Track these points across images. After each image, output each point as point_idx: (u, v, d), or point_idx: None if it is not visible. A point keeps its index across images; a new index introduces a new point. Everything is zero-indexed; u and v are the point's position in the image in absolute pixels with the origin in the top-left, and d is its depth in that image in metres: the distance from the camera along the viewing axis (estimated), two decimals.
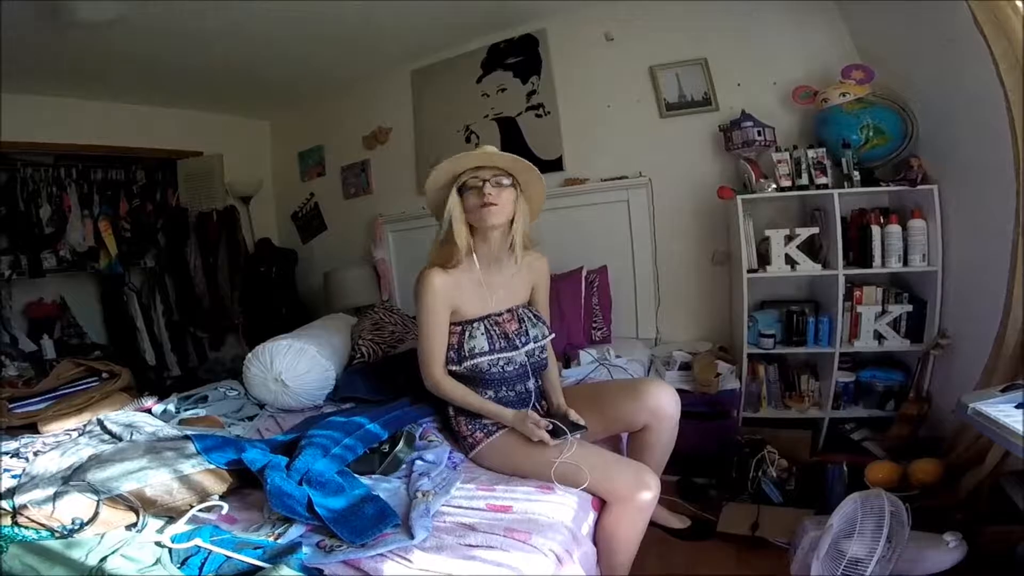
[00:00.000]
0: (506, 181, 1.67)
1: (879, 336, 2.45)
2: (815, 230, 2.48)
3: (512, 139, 3.40)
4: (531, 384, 1.76)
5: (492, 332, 1.69)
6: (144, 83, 3.43)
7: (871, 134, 2.37)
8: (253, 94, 3.96)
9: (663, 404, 1.72)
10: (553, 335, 1.85)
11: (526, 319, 1.77)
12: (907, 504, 1.60)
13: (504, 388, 1.72)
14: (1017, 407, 1.31)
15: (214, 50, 3.08)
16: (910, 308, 2.40)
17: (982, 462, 1.75)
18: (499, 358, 1.68)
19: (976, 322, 2.06)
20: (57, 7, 2.35)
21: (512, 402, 1.72)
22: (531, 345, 1.73)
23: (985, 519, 1.65)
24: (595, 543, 1.47)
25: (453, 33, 3.35)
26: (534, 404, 1.75)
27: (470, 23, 3.23)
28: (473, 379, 1.70)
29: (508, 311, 1.75)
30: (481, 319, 1.70)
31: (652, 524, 1.60)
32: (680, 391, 2.47)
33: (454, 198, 1.66)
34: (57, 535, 1.17)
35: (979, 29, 1.67)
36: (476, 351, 1.66)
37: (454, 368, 1.70)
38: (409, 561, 1.14)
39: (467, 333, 1.68)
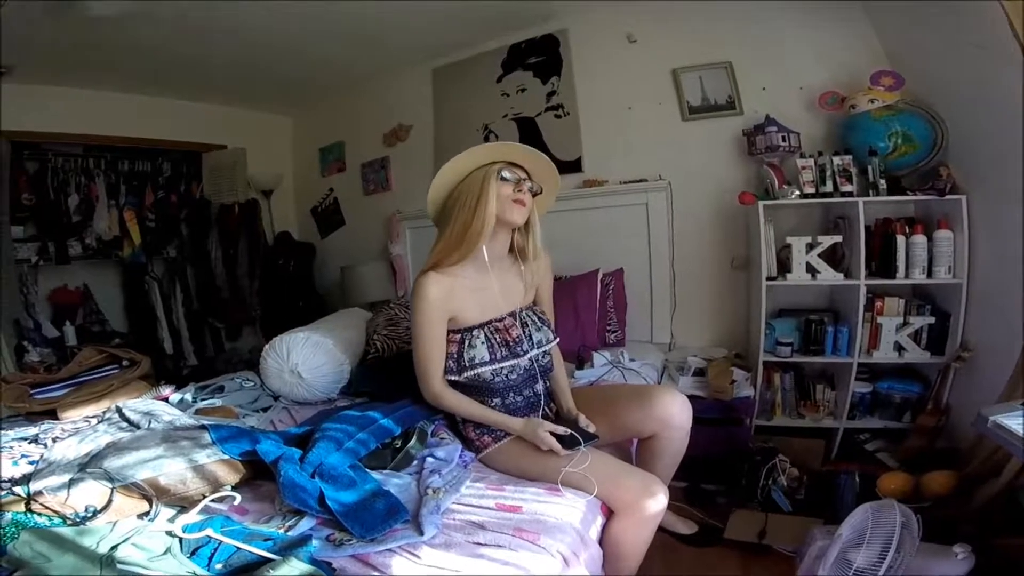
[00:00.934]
0: (536, 188, 1.65)
1: (899, 347, 2.40)
2: (838, 238, 2.43)
3: (531, 139, 3.38)
4: (539, 387, 1.72)
5: (492, 340, 1.63)
6: (171, 77, 3.49)
7: (899, 142, 2.32)
8: (276, 90, 4.01)
9: (673, 414, 1.69)
10: (558, 339, 1.80)
11: (530, 323, 1.71)
12: (918, 515, 1.58)
13: (511, 394, 1.68)
14: None
15: (239, 46, 3.12)
16: (932, 320, 2.35)
17: (999, 475, 1.73)
18: (502, 367, 1.63)
19: (999, 334, 2.02)
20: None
21: (520, 407, 1.69)
22: (535, 351, 1.68)
23: (998, 531, 1.63)
24: (602, 547, 1.46)
25: (474, 32, 3.35)
26: (543, 408, 1.74)
27: (491, 22, 3.23)
28: (477, 388, 1.65)
29: (510, 315, 1.69)
30: (481, 326, 1.64)
31: (659, 529, 1.58)
32: (694, 397, 2.48)
33: (494, 181, 1.57)
34: (69, 522, 1.19)
35: (1015, 34, 1.64)
36: (476, 361, 1.60)
37: (454, 378, 1.64)
38: (418, 557, 1.15)
39: (466, 342, 1.62)
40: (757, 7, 2.74)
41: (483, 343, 1.62)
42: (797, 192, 2.45)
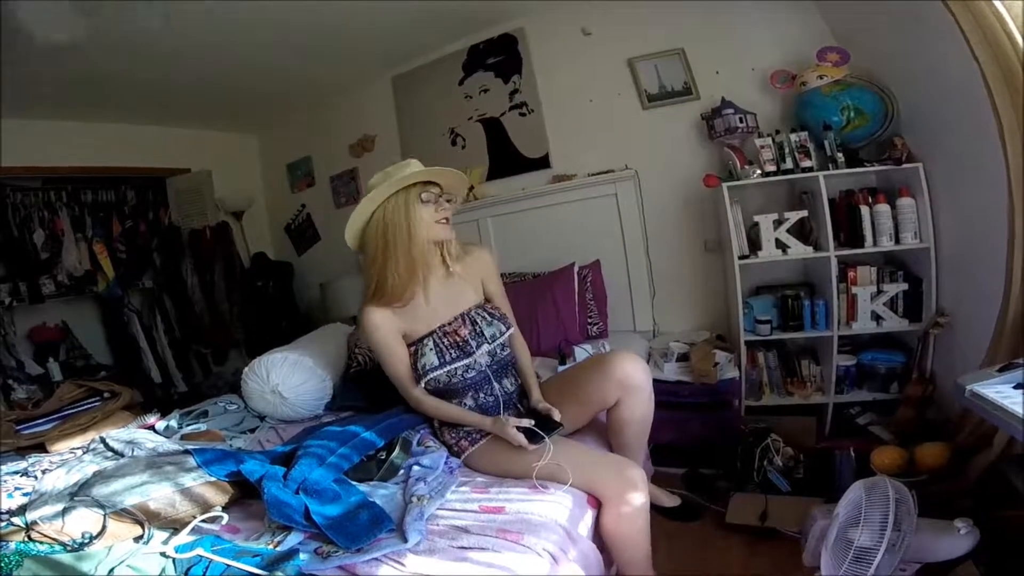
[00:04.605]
0: (453, 199, 1.69)
1: (877, 317, 2.43)
2: (803, 213, 2.47)
3: (497, 139, 3.41)
4: (507, 384, 1.77)
5: (441, 344, 1.68)
6: (126, 102, 3.42)
7: (852, 115, 2.36)
8: (237, 108, 3.97)
9: (629, 373, 1.69)
10: (513, 328, 1.81)
11: (479, 319, 1.73)
12: (912, 490, 1.56)
13: (481, 394, 1.73)
14: (1016, 387, 1.25)
15: (194, 66, 3.09)
16: (906, 287, 2.38)
17: (990, 444, 1.71)
18: (455, 368, 1.67)
19: (974, 298, 2.04)
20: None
21: (492, 406, 1.73)
22: (488, 346, 1.70)
23: (998, 503, 1.60)
24: (603, 541, 1.48)
25: (432, 36, 3.35)
26: (514, 405, 1.77)
27: (448, 25, 3.24)
28: (444, 392, 1.71)
29: (457, 318, 1.73)
30: (430, 334, 1.69)
31: None
32: (680, 383, 2.51)
33: (417, 206, 1.61)
34: (68, 549, 1.21)
35: (945, 4, 1.67)
36: (428, 367, 1.65)
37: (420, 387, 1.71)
38: (402, 564, 1.16)
39: (419, 351, 1.68)
40: None
41: (431, 350, 1.67)
42: (759, 171, 2.49)
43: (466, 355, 1.67)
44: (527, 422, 1.57)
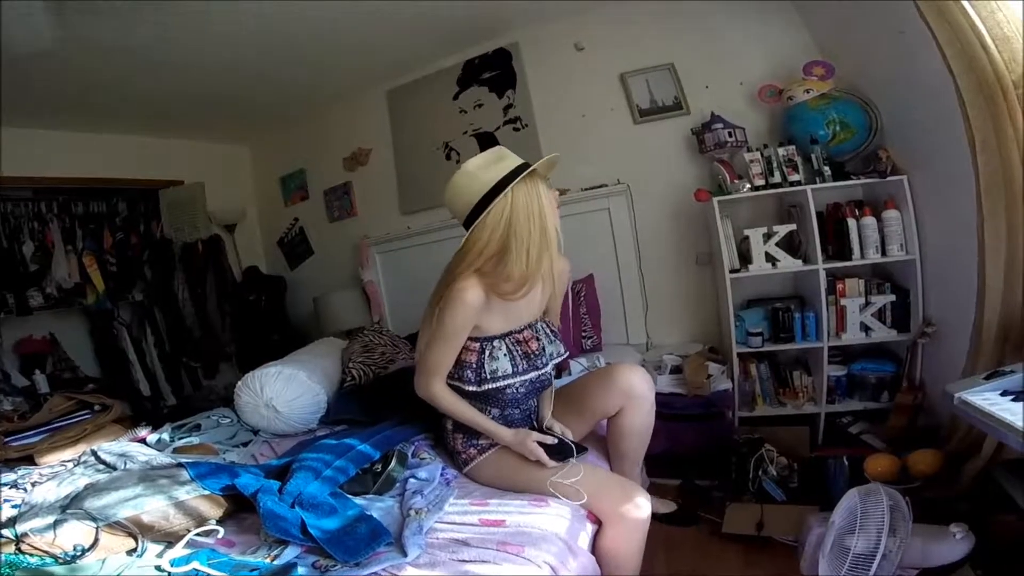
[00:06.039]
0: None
1: (865, 328, 2.46)
2: (792, 227, 2.51)
3: None
4: (533, 401, 1.73)
5: (514, 352, 1.60)
6: (119, 112, 3.38)
7: (837, 128, 2.41)
8: (230, 120, 3.96)
9: (634, 384, 1.70)
10: (568, 353, 1.78)
11: (543, 335, 1.67)
12: (906, 496, 1.59)
13: (511, 407, 1.66)
14: (1002, 394, 1.29)
15: (187, 77, 3.07)
16: (893, 298, 2.42)
17: (980, 450, 1.72)
18: (520, 380, 1.60)
19: (959, 307, 2.05)
20: None
21: (517, 420, 1.69)
22: (548, 366, 1.67)
23: (993, 508, 1.61)
24: (597, 557, 1.47)
25: (426, 50, 3.37)
26: (530, 422, 1.74)
27: (443, 39, 3.26)
28: (483, 397, 1.61)
29: (528, 327, 1.66)
30: (502, 336, 1.60)
31: None
32: (674, 395, 2.52)
33: (548, 194, 1.50)
34: (60, 561, 1.20)
35: (923, 18, 1.69)
36: (499, 374, 1.57)
37: (471, 388, 1.58)
38: None
39: (487, 352, 1.58)
40: (693, 8, 2.84)
41: (505, 355, 1.59)
42: (748, 185, 2.52)
43: (534, 369, 1.61)
44: (551, 439, 1.55)
